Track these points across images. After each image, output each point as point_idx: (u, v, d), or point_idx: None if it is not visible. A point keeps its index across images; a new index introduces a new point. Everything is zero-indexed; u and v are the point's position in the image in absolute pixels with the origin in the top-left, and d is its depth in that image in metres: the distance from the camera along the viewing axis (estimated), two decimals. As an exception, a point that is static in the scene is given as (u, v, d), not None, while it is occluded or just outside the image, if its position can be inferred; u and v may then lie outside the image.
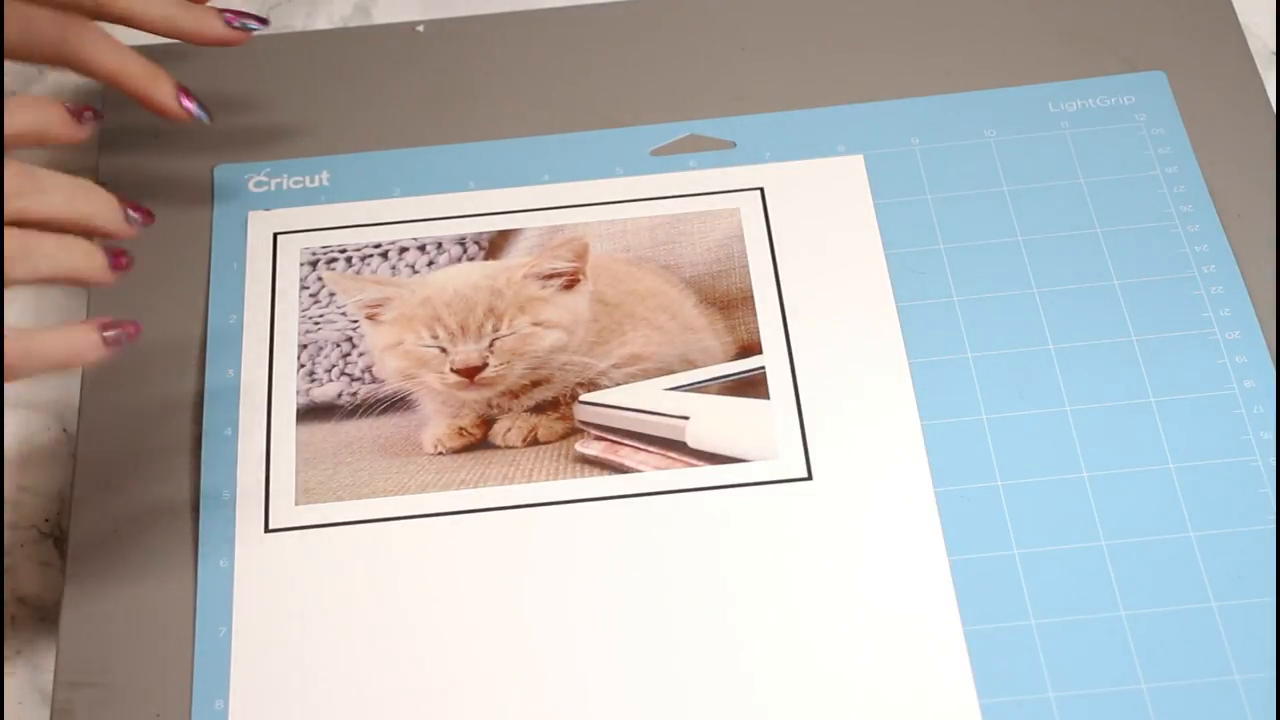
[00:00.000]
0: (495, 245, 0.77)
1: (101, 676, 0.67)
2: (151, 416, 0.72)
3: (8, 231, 0.63)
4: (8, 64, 0.75)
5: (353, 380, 0.73)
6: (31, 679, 0.69)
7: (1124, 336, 0.73)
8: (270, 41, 0.83)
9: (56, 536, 0.72)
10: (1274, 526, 0.67)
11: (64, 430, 0.75)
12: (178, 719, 0.66)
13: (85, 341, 0.64)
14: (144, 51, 0.74)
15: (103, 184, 0.78)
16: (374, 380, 0.73)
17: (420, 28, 0.85)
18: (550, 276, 0.76)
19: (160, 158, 0.80)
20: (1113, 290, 0.74)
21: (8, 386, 0.76)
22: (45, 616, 0.70)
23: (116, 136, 0.81)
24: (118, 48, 0.73)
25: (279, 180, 0.79)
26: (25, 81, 0.85)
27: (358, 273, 0.76)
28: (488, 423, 0.72)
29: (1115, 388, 0.71)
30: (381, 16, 0.87)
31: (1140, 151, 0.78)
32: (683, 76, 0.82)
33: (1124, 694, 0.63)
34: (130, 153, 0.80)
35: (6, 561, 0.72)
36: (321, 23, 0.87)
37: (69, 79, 0.84)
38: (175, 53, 0.82)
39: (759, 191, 0.78)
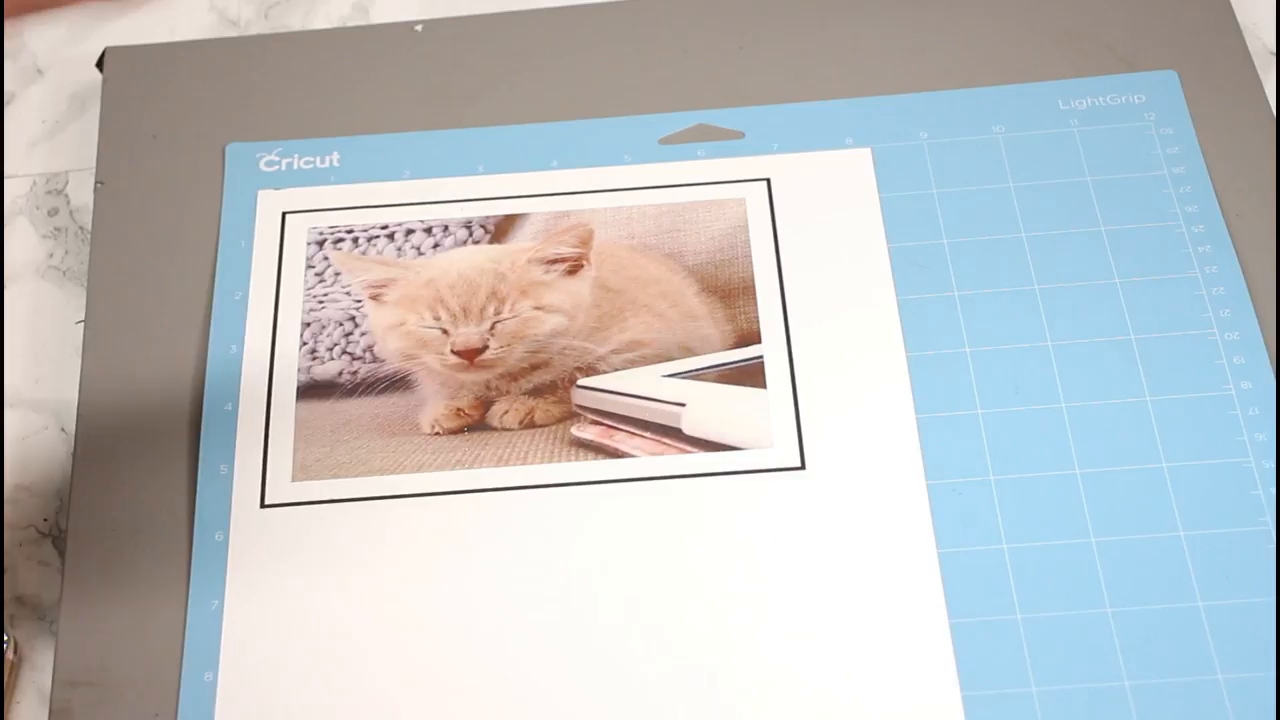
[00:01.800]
0: (501, 229, 0.77)
1: (100, 676, 0.67)
2: (152, 394, 0.73)
3: None
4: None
5: (354, 359, 0.74)
6: (30, 678, 0.69)
7: (1123, 335, 0.72)
8: (269, 41, 0.84)
9: (55, 536, 0.72)
10: (1265, 528, 0.67)
11: (62, 429, 0.75)
12: (176, 718, 0.66)
13: None
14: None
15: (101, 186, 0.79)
16: (375, 360, 0.74)
17: (419, 27, 0.85)
18: (554, 261, 0.76)
19: (173, 132, 0.80)
20: (1114, 289, 0.74)
21: (8, 386, 0.76)
22: (44, 616, 0.71)
23: (126, 113, 0.81)
24: None
25: (290, 160, 0.80)
26: (24, 82, 0.86)
27: (364, 253, 0.77)
28: (485, 404, 0.72)
29: (1111, 386, 0.71)
30: (380, 16, 0.87)
31: (1148, 151, 0.78)
32: (693, 67, 0.82)
33: (1106, 690, 0.63)
34: (143, 125, 0.80)
35: (5, 561, 0.72)
36: (320, 22, 0.87)
37: (68, 78, 0.85)
38: (179, 46, 0.83)
39: (765, 182, 0.78)
